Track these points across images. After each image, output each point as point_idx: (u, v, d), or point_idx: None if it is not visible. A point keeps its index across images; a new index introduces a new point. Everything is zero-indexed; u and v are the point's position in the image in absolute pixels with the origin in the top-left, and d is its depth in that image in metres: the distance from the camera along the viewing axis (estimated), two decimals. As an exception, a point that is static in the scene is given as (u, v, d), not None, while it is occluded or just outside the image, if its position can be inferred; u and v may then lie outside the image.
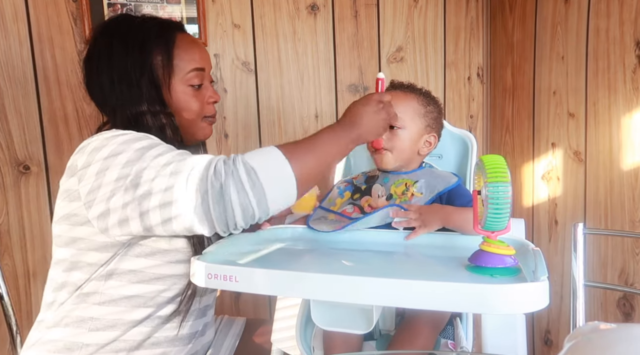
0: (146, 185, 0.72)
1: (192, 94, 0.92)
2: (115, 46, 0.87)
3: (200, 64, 0.92)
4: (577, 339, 0.45)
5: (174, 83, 0.90)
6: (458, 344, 0.94)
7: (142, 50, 0.87)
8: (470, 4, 1.90)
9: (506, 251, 0.67)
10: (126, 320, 0.84)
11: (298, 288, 0.65)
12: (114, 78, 0.87)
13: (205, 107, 0.95)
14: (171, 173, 0.72)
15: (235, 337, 1.10)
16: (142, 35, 0.88)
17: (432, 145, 1.04)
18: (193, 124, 0.94)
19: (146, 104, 0.87)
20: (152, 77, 0.87)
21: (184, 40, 0.92)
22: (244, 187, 0.69)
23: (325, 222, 0.96)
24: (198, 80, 0.92)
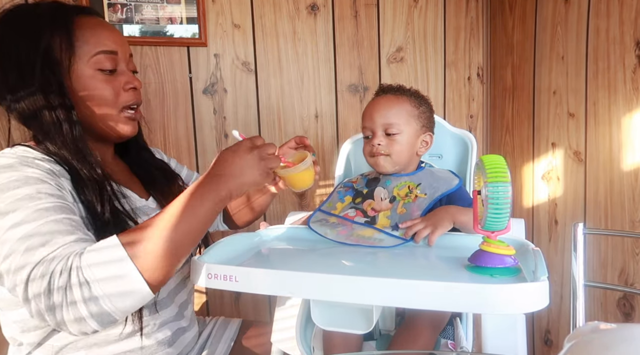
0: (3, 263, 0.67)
1: (102, 79, 0.82)
2: (5, 33, 0.80)
3: (109, 46, 0.83)
4: (577, 339, 0.45)
5: (77, 68, 0.80)
6: (458, 344, 0.94)
7: (34, 32, 0.78)
8: (470, 4, 1.90)
9: (506, 251, 0.67)
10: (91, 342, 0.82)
11: (298, 288, 0.65)
12: (5, 64, 0.78)
13: (122, 94, 0.85)
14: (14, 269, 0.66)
15: (230, 340, 1.09)
16: (35, 17, 0.80)
17: (428, 144, 1.04)
18: (108, 116, 0.84)
19: (41, 93, 0.77)
20: (48, 59, 0.78)
21: (88, 22, 0.83)
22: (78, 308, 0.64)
23: (327, 224, 0.96)
24: (109, 65, 0.82)
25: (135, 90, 0.88)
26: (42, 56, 0.78)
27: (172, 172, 1.05)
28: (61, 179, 0.77)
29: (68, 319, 0.64)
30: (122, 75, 0.86)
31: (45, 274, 0.64)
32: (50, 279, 0.63)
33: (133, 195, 0.90)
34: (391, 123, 0.99)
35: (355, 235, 0.90)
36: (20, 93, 0.78)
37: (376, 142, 0.99)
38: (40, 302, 0.64)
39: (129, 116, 0.88)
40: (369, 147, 1.01)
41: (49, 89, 0.78)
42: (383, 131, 0.99)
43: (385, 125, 0.99)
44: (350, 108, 1.83)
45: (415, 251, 0.84)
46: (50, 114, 0.78)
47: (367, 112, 1.03)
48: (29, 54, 0.78)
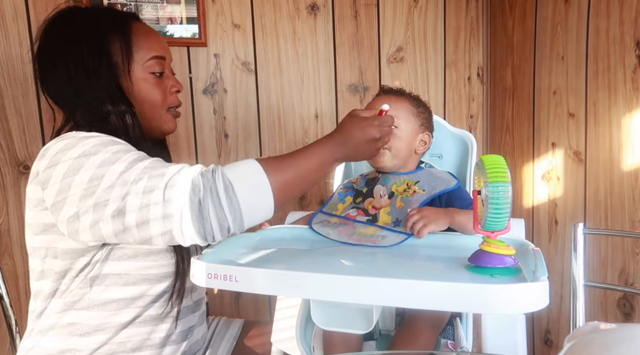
0: (117, 203, 0.70)
1: (153, 83, 0.89)
2: (68, 35, 0.84)
3: (159, 52, 0.90)
4: (577, 339, 0.45)
5: (134, 70, 0.87)
6: (458, 344, 0.94)
7: (98, 37, 0.84)
8: (470, 4, 1.90)
9: (506, 251, 0.67)
10: (114, 323, 0.84)
11: (298, 288, 0.65)
12: (70, 69, 0.83)
13: (169, 96, 0.93)
14: (144, 191, 0.70)
15: (232, 339, 1.10)
16: (96, 21, 0.85)
17: (427, 144, 1.04)
18: (157, 115, 0.91)
19: (105, 94, 0.83)
20: (110, 63, 0.84)
21: (141, 28, 0.90)
22: (221, 203, 0.69)
23: (329, 225, 0.96)
24: (159, 68, 0.90)
25: (178, 93, 0.95)
26: (105, 59, 0.83)
27: None
28: None
29: (213, 214, 0.69)
30: (169, 79, 0.93)
31: (183, 183, 0.69)
32: (192, 184, 0.69)
33: None
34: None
35: (357, 234, 0.90)
36: (85, 90, 0.83)
37: None
38: (186, 206, 0.68)
39: (173, 115, 0.95)
40: None
41: (112, 89, 0.84)
42: None
43: None
44: (350, 108, 1.81)
45: (415, 251, 0.84)
46: (117, 115, 0.84)
47: (368, 108, 1.03)
48: (93, 57, 0.83)
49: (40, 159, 0.79)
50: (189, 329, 0.95)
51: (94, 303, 0.83)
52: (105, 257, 0.82)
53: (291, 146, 1.79)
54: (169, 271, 0.88)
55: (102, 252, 0.82)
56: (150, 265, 0.85)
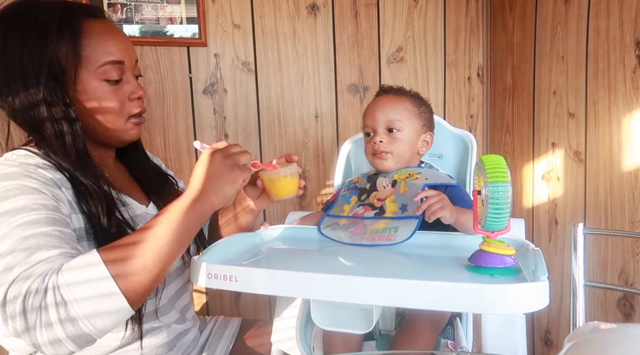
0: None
1: (108, 90, 0.80)
2: (9, 36, 0.75)
3: (116, 56, 0.80)
4: (577, 339, 0.45)
5: (83, 78, 0.78)
6: (458, 344, 0.94)
7: (39, 39, 0.74)
8: (470, 4, 1.90)
9: (506, 251, 0.67)
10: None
11: (298, 288, 0.65)
12: (8, 73, 0.75)
13: (127, 104, 0.83)
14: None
15: (230, 338, 1.09)
16: (41, 22, 0.75)
17: (429, 144, 1.04)
18: (114, 125, 0.83)
19: (44, 102, 0.74)
20: (53, 70, 0.75)
21: (95, 28, 0.79)
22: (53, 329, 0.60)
23: (339, 227, 0.95)
24: (116, 75, 0.80)
25: (140, 99, 0.86)
26: (47, 65, 0.75)
27: (166, 175, 1.04)
28: (61, 189, 0.75)
29: (42, 341, 0.60)
30: (128, 85, 0.84)
31: (19, 294, 0.60)
32: (25, 299, 0.60)
33: (133, 203, 0.89)
34: (393, 120, 0.99)
35: (369, 232, 0.90)
36: (22, 100, 0.76)
37: (378, 139, 0.99)
38: (16, 323, 0.60)
39: (135, 123, 0.87)
40: (370, 146, 1.02)
41: (53, 99, 0.75)
42: (385, 129, 1.00)
43: (387, 122, 0.99)
44: (350, 108, 1.83)
45: (415, 251, 0.84)
46: (53, 126, 0.76)
47: (369, 111, 1.03)
48: (34, 63, 0.75)
49: None
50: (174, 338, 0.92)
51: None
52: None
53: (291, 146, 1.79)
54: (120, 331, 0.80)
55: None
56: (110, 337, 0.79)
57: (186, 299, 0.99)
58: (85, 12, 0.80)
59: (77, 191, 0.77)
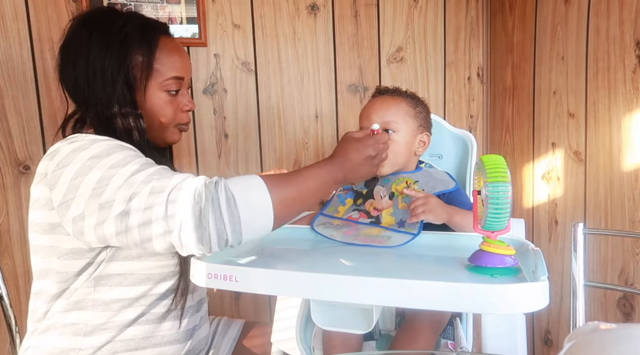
0: (124, 204, 0.71)
1: (167, 100, 0.90)
2: (94, 39, 0.84)
3: (180, 73, 0.90)
4: (577, 339, 0.45)
5: (150, 87, 0.87)
6: (458, 344, 0.94)
7: (122, 49, 0.84)
8: (470, 4, 1.90)
9: (506, 251, 0.67)
10: (118, 322, 0.84)
11: (298, 288, 0.65)
12: (89, 74, 0.84)
13: (179, 114, 0.93)
14: (151, 192, 0.70)
15: (233, 340, 1.10)
16: (125, 33, 0.85)
17: (426, 144, 1.04)
18: (164, 129, 0.92)
19: (117, 104, 0.84)
20: (128, 77, 0.84)
21: (167, 45, 0.89)
22: (222, 214, 0.69)
23: (332, 226, 0.96)
24: (176, 87, 0.90)
25: (190, 111, 0.96)
26: (124, 72, 0.84)
27: None
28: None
29: (212, 224, 0.68)
30: (183, 97, 0.93)
31: (187, 190, 0.69)
32: (195, 192, 0.69)
33: None
34: (388, 121, 0.99)
35: (362, 234, 0.90)
36: (97, 98, 0.84)
37: None
38: (187, 212, 0.68)
39: (180, 130, 0.96)
40: None
41: (124, 102, 0.85)
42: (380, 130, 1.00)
43: (382, 123, 0.99)
44: (350, 108, 1.82)
45: (415, 251, 0.84)
46: (122, 122, 0.85)
47: (364, 112, 1.03)
48: (113, 69, 0.83)
49: (48, 159, 0.80)
50: (192, 328, 0.95)
51: (97, 303, 0.83)
52: (110, 257, 0.83)
53: (291, 146, 1.79)
54: (172, 271, 0.88)
55: (106, 253, 0.82)
56: (154, 265, 0.86)
57: (203, 293, 1.02)
58: (162, 30, 0.91)
59: None
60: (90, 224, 0.73)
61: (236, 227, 0.70)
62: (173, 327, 0.90)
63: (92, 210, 0.72)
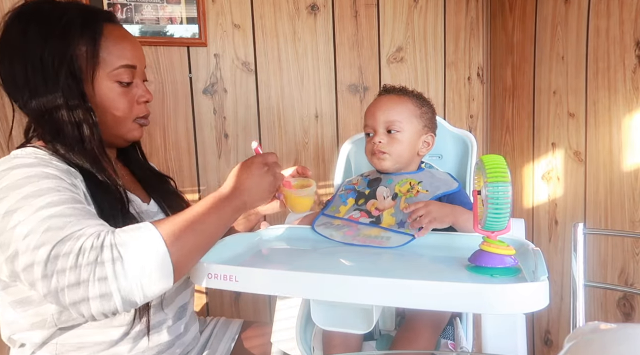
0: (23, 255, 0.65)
1: (119, 92, 0.84)
2: (31, 32, 0.78)
3: (131, 61, 0.85)
4: (577, 339, 0.45)
5: (98, 78, 0.82)
6: (458, 344, 0.94)
7: (62, 39, 0.78)
8: (470, 4, 1.90)
9: (506, 251, 0.67)
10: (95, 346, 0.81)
11: (298, 288, 0.65)
12: (28, 69, 0.78)
13: (135, 107, 0.88)
14: (35, 247, 0.64)
15: (231, 340, 1.09)
16: (64, 22, 0.79)
17: (430, 145, 1.04)
18: (120, 124, 0.87)
19: (63, 100, 0.78)
20: (72, 68, 0.78)
21: (113, 32, 0.84)
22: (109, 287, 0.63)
23: (332, 227, 0.96)
24: (127, 78, 0.85)
25: (147, 102, 0.91)
26: (67, 63, 0.78)
27: (162, 174, 1.06)
28: (77, 179, 0.78)
29: (93, 294, 0.62)
30: (137, 88, 0.88)
31: (71, 251, 0.63)
32: (79, 255, 0.63)
33: (137, 199, 0.91)
34: (393, 120, 0.99)
35: (361, 235, 0.90)
36: (40, 94, 0.78)
37: (377, 139, 0.99)
38: (63, 278, 0.62)
39: (139, 124, 0.91)
40: (370, 146, 1.02)
41: (71, 95, 0.79)
42: (384, 129, 1.00)
43: (387, 123, 0.99)
44: (350, 108, 1.82)
45: (415, 251, 0.84)
46: (71, 122, 0.79)
47: (370, 111, 1.03)
48: (55, 59, 0.78)
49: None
50: (175, 337, 0.93)
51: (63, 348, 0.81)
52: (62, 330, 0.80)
53: (291, 146, 1.79)
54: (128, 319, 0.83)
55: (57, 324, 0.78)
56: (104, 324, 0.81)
57: (187, 297, 0.99)
58: (105, 16, 0.85)
59: (89, 183, 0.79)
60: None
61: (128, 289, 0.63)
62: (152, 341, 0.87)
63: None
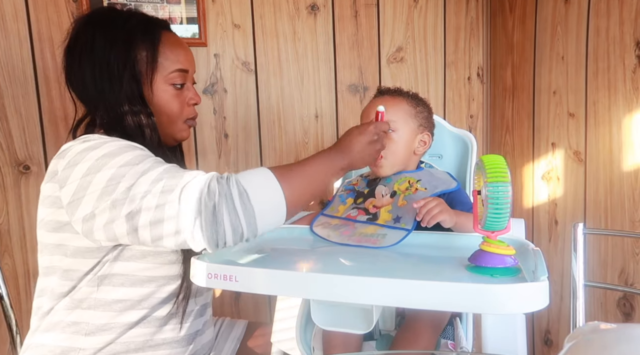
0: (135, 203, 0.71)
1: (173, 94, 0.91)
2: (98, 38, 0.85)
3: (184, 65, 0.92)
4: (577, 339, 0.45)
5: (156, 81, 0.89)
6: (458, 344, 0.94)
7: (126, 44, 0.85)
8: (470, 4, 1.90)
9: (506, 251, 0.67)
10: (120, 323, 0.84)
11: (298, 288, 0.65)
12: (96, 71, 0.85)
13: (186, 108, 0.94)
14: (162, 191, 0.71)
15: (236, 341, 1.10)
16: (127, 29, 0.86)
17: (427, 144, 1.04)
18: (173, 124, 0.93)
19: (126, 100, 0.85)
20: (134, 72, 0.86)
21: (170, 39, 0.91)
22: (236, 209, 0.70)
23: (330, 227, 0.96)
24: (181, 80, 0.91)
25: (196, 105, 0.97)
26: (130, 67, 0.85)
27: None
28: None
29: (227, 220, 0.69)
30: (188, 91, 0.94)
31: (198, 187, 0.70)
32: (208, 189, 0.70)
33: None
34: (387, 121, 0.99)
35: (357, 234, 0.90)
36: (106, 95, 0.85)
37: None
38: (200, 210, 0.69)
39: (189, 125, 0.97)
40: None
41: (133, 97, 0.86)
42: None
43: None
44: (350, 108, 1.82)
45: (415, 251, 0.84)
46: (133, 120, 0.86)
47: (365, 113, 1.03)
48: (119, 64, 0.84)
49: (59, 158, 0.81)
50: (194, 333, 0.95)
51: (100, 302, 0.83)
52: (115, 257, 0.83)
53: (291, 146, 1.79)
54: (177, 273, 0.89)
55: (112, 253, 0.83)
56: (158, 266, 0.86)
57: (208, 297, 1.02)
58: (163, 25, 0.93)
59: None
60: (100, 223, 0.73)
61: (251, 221, 0.71)
62: (174, 331, 0.90)
63: (103, 208, 0.73)
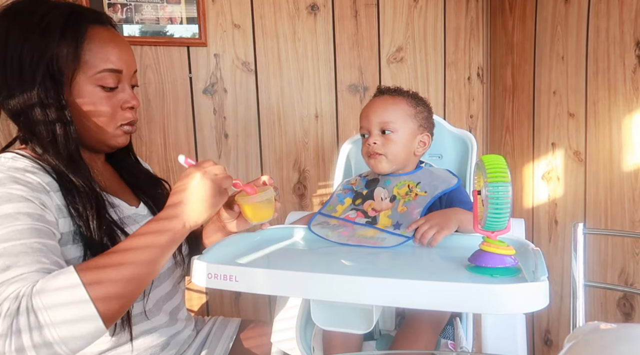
0: None
1: (102, 96, 0.81)
2: (12, 31, 0.76)
3: (116, 65, 0.81)
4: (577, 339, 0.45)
5: (79, 80, 0.79)
6: (458, 344, 0.94)
7: (42, 38, 0.76)
8: (470, 4, 1.90)
9: (506, 251, 0.67)
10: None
11: (298, 288, 0.65)
12: (7, 68, 0.76)
13: (120, 112, 0.84)
14: None
15: (229, 339, 1.09)
16: (46, 22, 0.77)
17: (426, 145, 1.04)
18: (103, 130, 0.83)
19: (37, 98, 0.75)
20: (51, 69, 0.76)
21: (99, 35, 0.81)
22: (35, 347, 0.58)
23: (328, 226, 0.96)
24: (112, 82, 0.81)
25: (133, 109, 0.87)
26: (46, 64, 0.76)
27: (156, 178, 1.04)
28: (49, 194, 0.74)
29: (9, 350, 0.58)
30: (123, 93, 0.84)
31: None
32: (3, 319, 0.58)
33: (122, 204, 0.89)
34: (386, 121, 0.99)
35: (357, 235, 0.90)
36: (17, 93, 0.76)
37: (372, 140, 0.99)
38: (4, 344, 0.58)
39: (125, 130, 0.87)
40: (365, 147, 1.02)
41: (47, 97, 0.76)
42: (379, 130, 1.00)
43: (380, 123, 0.99)
44: (350, 108, 1.82)
45: (415, 251, 0.84)
46: (46, 125, 0.76)
47: (364, 113, 1.03)
48: (33, 58, 0.76)
49: None
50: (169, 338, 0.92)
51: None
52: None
53: (291, 146, 1.79)
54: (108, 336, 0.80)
55: None
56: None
57: (177, 300, 0.98)
58: (92, 18, 0.82)
59: (66, 191, 0.76)
60: None
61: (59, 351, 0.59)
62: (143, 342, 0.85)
63: None
